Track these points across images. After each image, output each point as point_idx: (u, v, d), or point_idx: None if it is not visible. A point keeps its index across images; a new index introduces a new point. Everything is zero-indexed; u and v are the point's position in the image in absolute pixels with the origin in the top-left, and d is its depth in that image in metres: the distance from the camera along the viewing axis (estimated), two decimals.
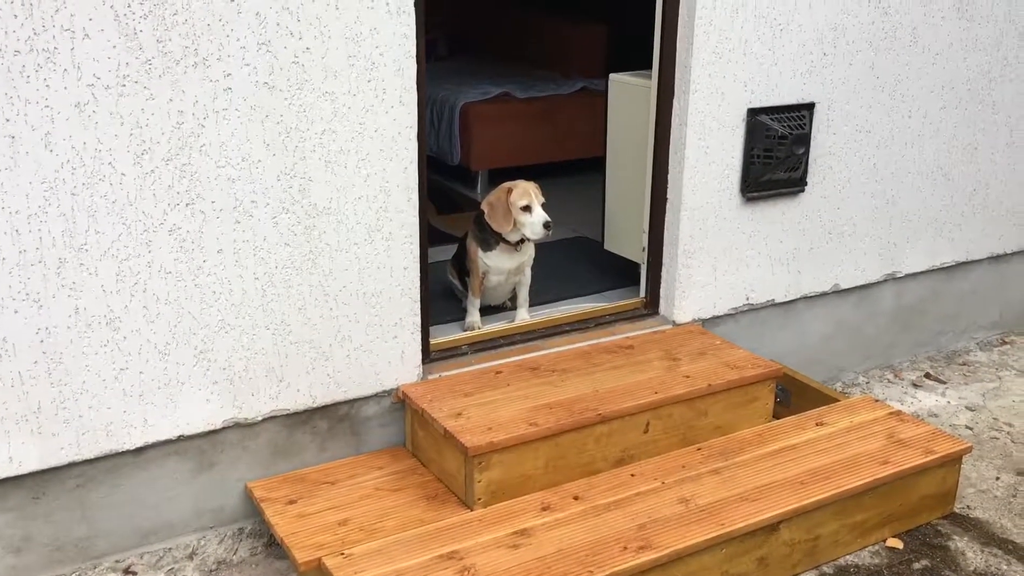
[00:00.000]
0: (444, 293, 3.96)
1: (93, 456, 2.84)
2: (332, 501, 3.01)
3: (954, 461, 3.25)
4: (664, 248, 3.75)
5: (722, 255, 3.79)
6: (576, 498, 2.91)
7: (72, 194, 2.61)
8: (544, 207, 3.59)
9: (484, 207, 3.65)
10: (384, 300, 3.15)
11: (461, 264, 3.85)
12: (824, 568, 3.05)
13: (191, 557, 3.04)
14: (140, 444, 2.89)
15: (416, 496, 3.06)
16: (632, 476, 3.03)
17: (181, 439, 2.97)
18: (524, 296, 3.81)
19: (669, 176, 3.66)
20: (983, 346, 4.73)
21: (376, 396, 3.25)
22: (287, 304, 3.00)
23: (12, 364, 2.66)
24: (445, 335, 3.56)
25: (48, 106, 2.52)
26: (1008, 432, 3.90)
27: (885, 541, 3.17)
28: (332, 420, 3.21)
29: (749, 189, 3.73)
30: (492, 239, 3.67)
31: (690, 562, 2.73)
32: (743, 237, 3.81)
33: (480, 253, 3.70)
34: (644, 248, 3.84)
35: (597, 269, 4.31)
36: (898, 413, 3.44)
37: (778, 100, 3.70)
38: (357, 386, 3.19)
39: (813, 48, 3.72)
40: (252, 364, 2.99)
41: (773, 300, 3.99)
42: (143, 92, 2.62)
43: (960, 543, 3.18)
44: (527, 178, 3.69)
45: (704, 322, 3.85)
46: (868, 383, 4.31)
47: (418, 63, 3.00)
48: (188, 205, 2.77)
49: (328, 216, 2.98)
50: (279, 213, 2.90)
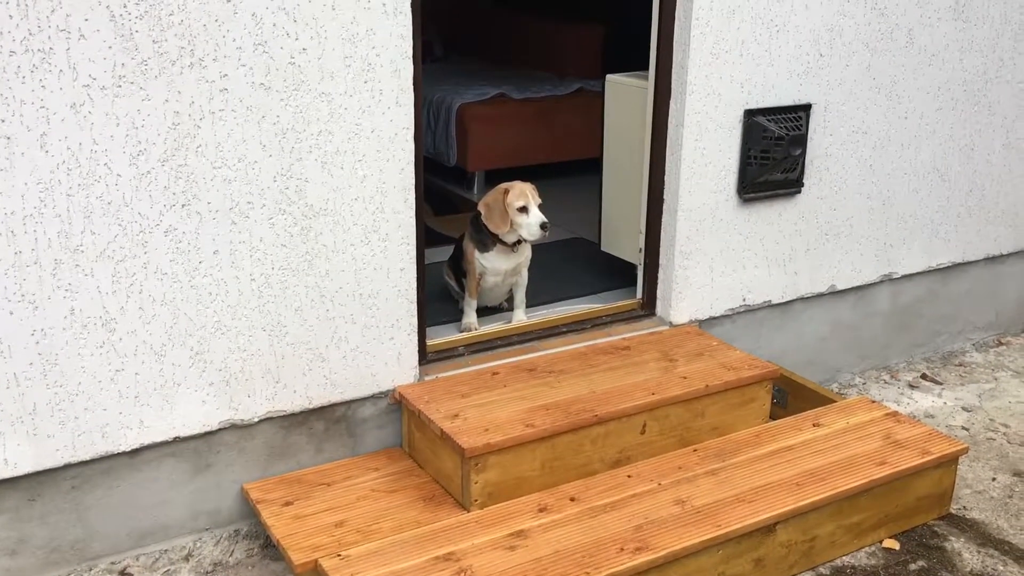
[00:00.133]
0: (441, 294, 3.96)
1: (89, 458, 2.84)
2: (329, 502, 3.01)
3: (950, 462, 3.25)
4: (661, 249, 3.75)
5: (719, 256, 3.79)
6: (573, 499, 2.91)
7: (68, 195, 2.60)
8: (541, 208, 3.59)
9: (481, 208, 3.65)
10: (381, 301, 3.15)
11: (458, 265, 3.85)
12: (821, 569, 3.05)
13: (187, 559, 3.03)
14: (136, 446, 2.89)
15: (413, 497, 3.06)
16: (629, 477, 3.03)
17: (177, 440, 2.96)
18: (521, 297, 3.81)
19: (666, 177, 3.66)
20: (979, 347, 4.73)
21: (373, 397, 3.25)
22: (283, 305, 2.99)
23: (7, 366, 2.65)
24: (442, 336, 3.56)
25: (44, 107, 2.52)
26: (1004, 433, 3.91)
27: (882, 542, 3.17)
28: (329, 421, 3.20)
29: (746, 190, 3.74)
30: (489, 240, 3.67)
31: (687, 563, 2.73)
32: (740, 238, 3.81)
33: (477, 254, 3.70)
34: (641, 249, 3.84)
35: (594, 270, 4.31)
36: (894, 414, 3.44)
37: (775, 101, 3.71)
38: (354, 387, 3.18)
39: (809, 49, 3.72)
40: (248, 365, 2.99)
41: (770, 301, 3.99)
42: (139, 93, 2.62)
43: (956, 544, 3.18)
44: (524, 179, 3.69)
45: (701, 323, 3.85)
46: (864, 384, 4.31)
47: (415, 64, 3.00)
48: (184, 206, 2.76)
49: (324, 217, 2.98)
50: (275, 214, 2.90)
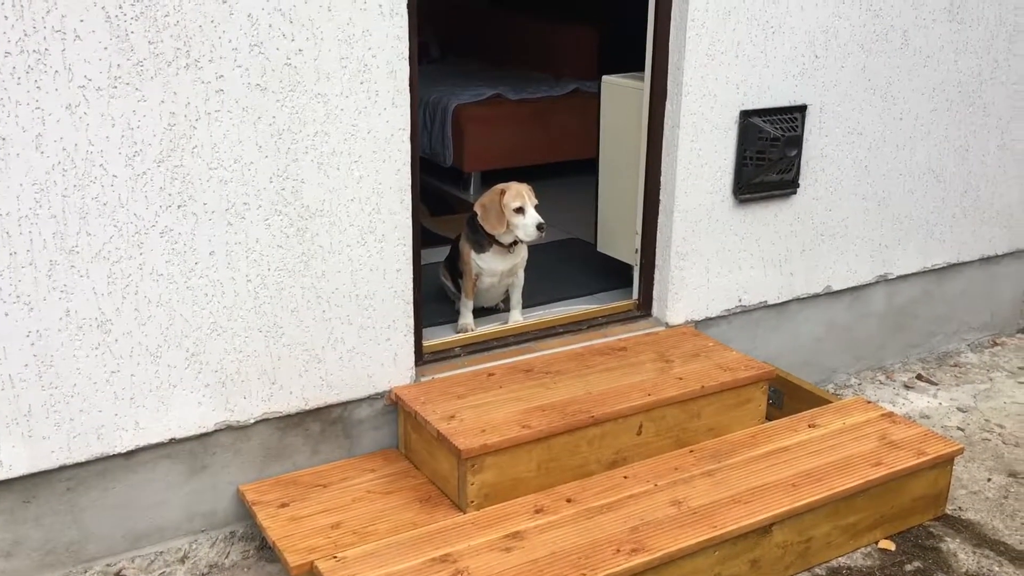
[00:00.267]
0: (437, 295, 3.95)
1: (84, 459, 2.83)
2: (324, 504, 3.00)
3: (946, 463, 3.26)
4: (657, 250, 3.75)
5: (715, 257, 3.79)
6: (569, 500, 2.91)
7: (63, 196, 2.60)
8: (537, 209, 3.59)
9: (477, 209, 3.65)
10: (377, 302, 3.14)
11: (454, 266, 3.85)
12: (816, 570, 3.06)
13: (182, 561, 3.02)
14: (131, 447, 2.88)
15: (409, 499, 3.05)
16: (625, 478, 3.03)
17: (173, 442, 2.96)
18: (517, 298, 3.81)
19: (662, 178, 3.66)
20: (974, 347, 4.74)
21: (369, 398, 3.24)
22: (279, 306, 2.99)
23: (2, 367, 2.64)
24: (438, 337, 3.56)
25: (39, 108, 2.51)
26: (999, 433, 3.91)
27: (877, 543, 3.18)
28: (325, 423, 3.20)
29: (742, 191, 3.74)
30: (485, 241, 3.67)
31: (683, 564, 2.73)
32: (736, 239, 3.82)
33: (473, 255, 3.69)
34: (637, 250, 3.84)
35: (590, 271, 4.32)
36: (890, 415, 3.45)
37: (770, 102, 3.71)
38: (350, 388, 3.18)
39: (805, 50, 3.73)
40: (244, 366, 2.98)
41: (766, 302, 3.99)
42: (135, 94, 2.61)
43: (952, 544, 3.19)
44: (520, 180, 3.69)
45: (697, 324, 3.85)
46: (860, 384, 4.32)
47: (411, 65, 3.00)
48: (180, 207, 2.76)
49: (321, 218, 2.97)
50: (271, 215, 2.90)
